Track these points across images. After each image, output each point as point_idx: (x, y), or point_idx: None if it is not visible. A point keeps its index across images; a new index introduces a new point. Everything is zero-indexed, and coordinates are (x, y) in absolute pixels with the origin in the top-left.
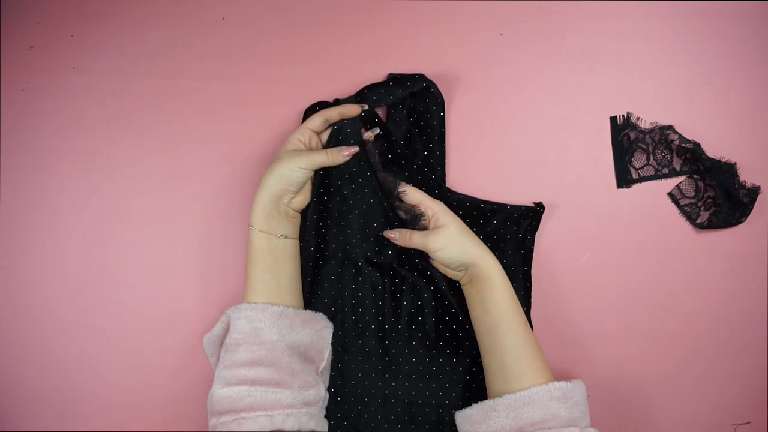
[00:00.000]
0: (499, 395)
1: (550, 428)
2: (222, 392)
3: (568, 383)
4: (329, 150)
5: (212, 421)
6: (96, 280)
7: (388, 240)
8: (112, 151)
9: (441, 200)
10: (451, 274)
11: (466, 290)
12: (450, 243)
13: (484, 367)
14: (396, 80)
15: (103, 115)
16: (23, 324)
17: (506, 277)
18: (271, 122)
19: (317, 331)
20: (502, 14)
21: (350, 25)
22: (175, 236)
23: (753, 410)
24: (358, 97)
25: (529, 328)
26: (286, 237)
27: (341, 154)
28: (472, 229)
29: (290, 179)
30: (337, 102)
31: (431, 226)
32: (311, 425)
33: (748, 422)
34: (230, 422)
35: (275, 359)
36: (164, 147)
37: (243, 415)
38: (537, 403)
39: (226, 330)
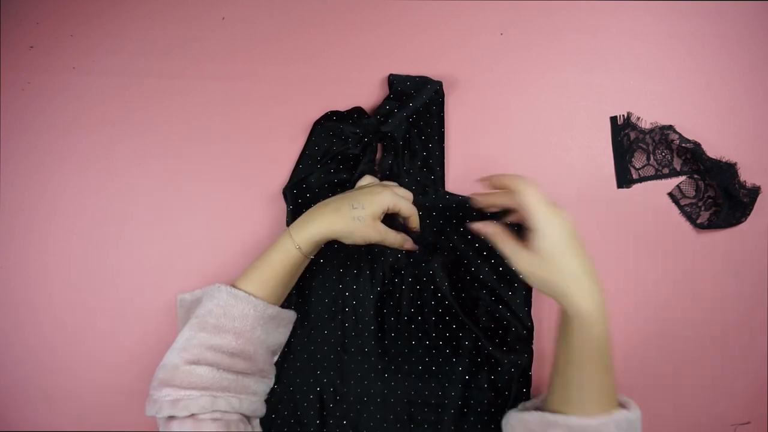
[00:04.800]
0: (556, 410)
1: None
2: (190, 368)
3: (631, 413)
4: (403, 235)
5: (166, 391)
6: (96, 280)
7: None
8: (112, 151)
9: (440, 203)
10: None
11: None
12: (533, 271)
13: (551, 373)
14: (415, 87)
15: (103, 115)
16: (23, 324)
17: (597, 316)
18: (271, 122)
19: (289, 329)
20: (502, 15)
21: (350, 25)
22: (175, 236)
23: (753, 410)
24: (386, 100)
25: (609, 365)
26: (312, 257)
27: (406, 245)
28: None
29: (352, 240)
30: (355, 110)
31: (530, 236)
32: (262, 410)
33: (748, 422)
34: (200, 397)
35: (255, 354)
36: (164, 147)
37: (214, 393)
38: None
39: (200, 300)
